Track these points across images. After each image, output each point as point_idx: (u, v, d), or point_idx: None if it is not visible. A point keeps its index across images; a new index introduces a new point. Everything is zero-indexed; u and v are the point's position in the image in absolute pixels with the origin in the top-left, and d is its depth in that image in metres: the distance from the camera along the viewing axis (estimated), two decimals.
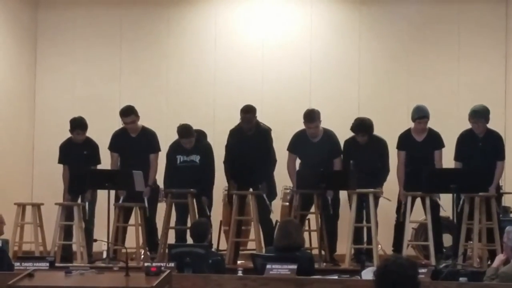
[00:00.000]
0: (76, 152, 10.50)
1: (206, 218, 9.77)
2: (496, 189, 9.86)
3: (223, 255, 9.13)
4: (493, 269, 7.64)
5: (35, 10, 12.68)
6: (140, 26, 12.53)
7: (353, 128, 10.09)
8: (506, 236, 7.59)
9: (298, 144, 10.28)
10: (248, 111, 10.18)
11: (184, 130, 10.27)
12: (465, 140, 9.91)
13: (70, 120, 10.53)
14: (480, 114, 9.76)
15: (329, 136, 10.23)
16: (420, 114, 9.99)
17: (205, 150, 10.40)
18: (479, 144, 9.81)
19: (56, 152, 10.68)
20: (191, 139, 10.28)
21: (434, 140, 10.05)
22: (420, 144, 10.07)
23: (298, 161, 10.40)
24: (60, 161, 10.65)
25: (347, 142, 10.23)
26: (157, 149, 10.52)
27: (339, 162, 10.20)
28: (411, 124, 10.12)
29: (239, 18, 12.49)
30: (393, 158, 10.24)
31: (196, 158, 10.32)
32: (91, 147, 10.57)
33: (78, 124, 10.46)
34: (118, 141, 10.52)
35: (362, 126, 10.06)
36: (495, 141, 9.87)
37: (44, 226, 10.37)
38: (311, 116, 10.10)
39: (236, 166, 10.29)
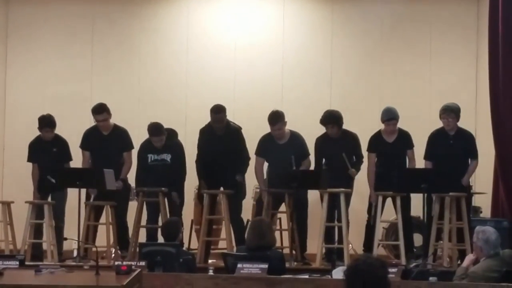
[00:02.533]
0: (46, 150, 10.43)
1: (177, 217, 9.76)
2: (467, 189, 9.91)
3: (194, 254, 9.12)
4: (463, 269, 7.68)
5: (6, 6, 12.56)
6: (112, 23, 12.47)
7: (322, 120, 10.08)
8: (475, 236, 7.64)
9: (265, 147, 10.26)
10: (219, 111, 10.14)
11: (154, 128, 10.24)
12: (436, 139, 9.94)
13: (38, 118, 10.46)
14: (450, 109, 9.81)
15: (295, 138, 10.21)
16: (389, 116, 10.02)
17: (176, 149, 10.38)
18: (450, 142, 9.86)
19: (27, 150, 10.60)
20: (162, 137, 10.25)
21: (405, 140, 10.08)
22: (391, 145, 10.08)
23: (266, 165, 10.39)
24: (29, 159, 10.58)
25: (318, 139, 10.22)
26: (130, 146, 10.48)
27: (307, 163, 10.19)
28: (383, 124, 10.14)
29: (212, 18, 12.46)
30: (365, 159, 10.25)
31: (167, 156, 10.30)
32: (61, 144, 10.50)
33: (47, 122, 10.40)
34: (90, 139, 10.47)
35: (331, 117, 10.06)
36: (466, 140, 9.91)
37: (14, 224, 10.28)
38: (274, 118, 10.09)
39: (207, 165, 10.26)
